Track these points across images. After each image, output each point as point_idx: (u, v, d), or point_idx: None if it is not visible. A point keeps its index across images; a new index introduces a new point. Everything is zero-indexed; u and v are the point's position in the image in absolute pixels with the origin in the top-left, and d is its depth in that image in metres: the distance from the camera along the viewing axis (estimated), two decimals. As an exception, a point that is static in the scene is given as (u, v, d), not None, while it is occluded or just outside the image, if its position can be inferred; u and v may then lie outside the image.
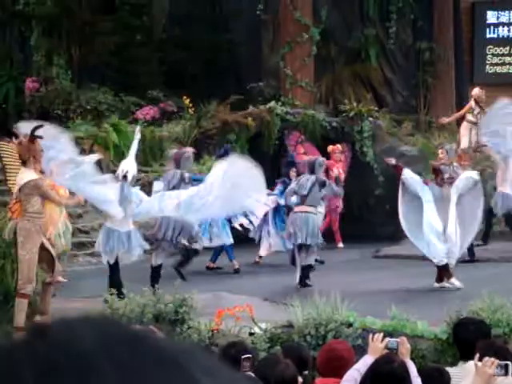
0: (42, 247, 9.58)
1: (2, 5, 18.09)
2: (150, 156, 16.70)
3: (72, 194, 10.66)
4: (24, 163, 9.57)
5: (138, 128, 12.29)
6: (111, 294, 9.29)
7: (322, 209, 13.89)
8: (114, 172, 15.66)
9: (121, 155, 16.11)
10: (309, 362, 5.82)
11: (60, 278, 10.17)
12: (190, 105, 17.44)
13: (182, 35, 19.63)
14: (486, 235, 14.46)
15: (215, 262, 13.46)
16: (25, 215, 9.43)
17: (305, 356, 5.84)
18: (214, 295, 10.65)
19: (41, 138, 9.60)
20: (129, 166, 11.11)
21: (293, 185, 12.55)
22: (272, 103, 17.52)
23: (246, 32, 18.60)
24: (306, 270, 11.85)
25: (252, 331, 8.35)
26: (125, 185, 10.77)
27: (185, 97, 17.47)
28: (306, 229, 11.85)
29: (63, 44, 18.48)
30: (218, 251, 13.43)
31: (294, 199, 12.33)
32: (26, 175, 9.50)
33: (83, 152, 16.01)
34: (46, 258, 9.68)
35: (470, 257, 13.28)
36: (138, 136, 11.64)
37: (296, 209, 12.17)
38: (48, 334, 0.84)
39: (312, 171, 12.28)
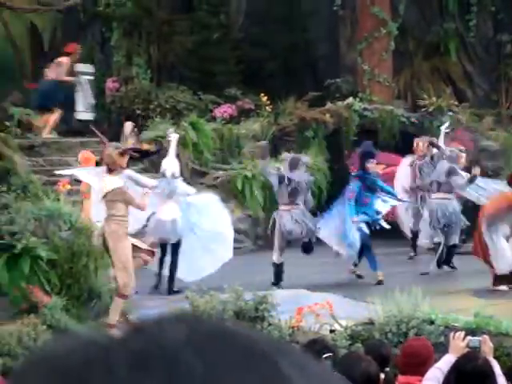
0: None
1: (84, 6, 18.39)
2: (228, 154, 16.80)
3: None
4: (110, 170, 9.79)
5: (170, 130, 13.11)
6: (192, 292, 9.40)
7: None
8: (192, 169, 15.93)
9: (200, 153, 16.28)
10: (390, 360, 5.79)
11: None
12: (268, 102, 17.49)
13: (259, 33, 19.68)
14: None
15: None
16: (111, 219, 9.65)
17: (386, 353, 5.81)
18: (294, 292, 10.66)
19: (136, 156, 10.17)
20: (169, 164, 11.94)
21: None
22: (350, 99, 17.46)
23: (324, 29, 18.53)
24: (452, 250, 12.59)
25: (332, 328, 8.35)
26: (166, 181, 11.67)
27: (262, 94, 17.52)
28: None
29: (142, 44, 18.70)
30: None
31: None
32: (112, 182, 9.73)
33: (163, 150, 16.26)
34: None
35: None
36: (174, 136, 12.46)
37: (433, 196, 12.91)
38: (141, 331, 0.86)
39: None
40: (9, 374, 7.38)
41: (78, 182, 11.76)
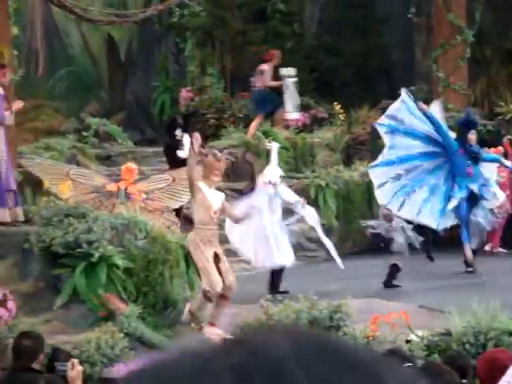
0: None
1: (159, 18, 18.61)
2: (301, 162, 16.79)
3: None
4: (204, 177, 9.89)
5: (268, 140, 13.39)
6: (266, 300, 9.39)
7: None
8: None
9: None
10: (469, 371, 5.70)
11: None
12: (341, 111, 17.44)
13: (332, 42, 19.67)
14: None
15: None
16: (194, 227, 9.80)
17: (465, 365, 5.72)
18: (368, 301, 10.57)
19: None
20: (272, 172, 12.13)
21: None
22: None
23: (398, 36, 18.42)
24: None
25: (408, 339, 8.25)
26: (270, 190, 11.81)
27: (335, 103, 17.48)
28: None
29: (216, 54, 18.84)
30: None
31: None
32: (218, 198, 9.83)
33: (236, 159, 16.34)
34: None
35: None
36: (274, 145, 12.69)
37: None
38: (244, 342, 0.86)
39: None
40: (88, 381, 7.47)
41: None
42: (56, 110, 11.10)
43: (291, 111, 17.38)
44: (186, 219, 14.53)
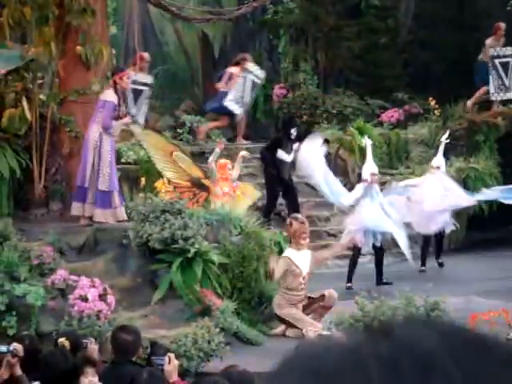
0: None
1: (252, 14, 18.68)
2: (396, 159, 16.63)
3: None
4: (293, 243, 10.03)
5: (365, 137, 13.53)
6: (361, 297, 9.32)
7: None
8: (359, 175, 15.86)
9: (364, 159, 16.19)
10: None
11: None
12: (436, 106, 17.19)
13: (427, 36, 19.40)
14: None
15: None
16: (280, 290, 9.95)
17: None
18: (466, 299, 10.41)
19: None
20: (369, 169, 12.42)
21: None
22: (500, 95, 16.84)
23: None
24: None
25: (509, 337, 8.08)
26: (369, 187, 12.06)
27: (430, 98, 17.25)
28: None
29: (309, 50, 18.79)
30: None
31: None
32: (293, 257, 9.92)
33: (329, 155, 16.28)
34: None
35: None
36: (369, 141, 12.93)
37: None
38: (392, 333, 0.85)
39: None
40: (185, 375, 7.54)
41: None
42: (151, 108, 11.24)
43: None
44: (278, 215, 14.59)
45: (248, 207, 11.88)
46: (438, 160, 13.61)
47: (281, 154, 14.44)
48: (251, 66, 16.80)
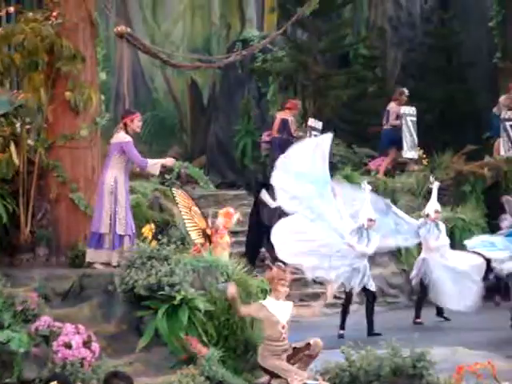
0: None
1: (242, 62, 18.83)
2: (383, 207, 16.67)
3: None
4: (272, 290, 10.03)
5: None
6: (348, 346, 9.30)
7: None
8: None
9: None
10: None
11: None
12: (424, 155, 17.33)
13: (415, 86, 19.60)
14: None
15: None
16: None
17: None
18: (452, 350, 10.39)
19: None
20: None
21: None
22: (510, 153, 17.05)
23: (483, 81, 18.23)
24: None
25: (495, 390, 8.06)
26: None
27: (418, 148, 17.39)
28: None
29: (298, 98, 18.93)
30: None
31: None
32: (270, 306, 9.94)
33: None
34: None
35: None
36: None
37: None
38: None
39: None
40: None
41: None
42: (140, 153, 11.31)
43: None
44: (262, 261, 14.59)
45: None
46: (435, 204, 13.68)
47: (264, 195, 14.33)
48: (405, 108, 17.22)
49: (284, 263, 10.44)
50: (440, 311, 13.46)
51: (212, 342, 9.81)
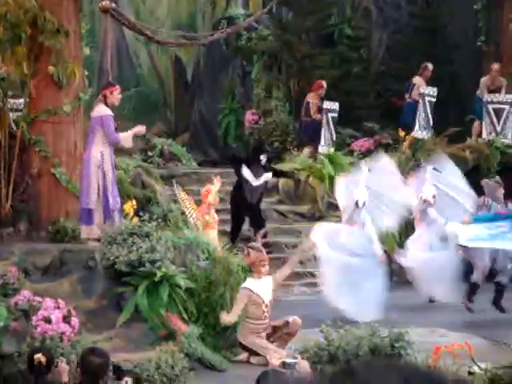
0: None
1: (227, 41, 18.78)
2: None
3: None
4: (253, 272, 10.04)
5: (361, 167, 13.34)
6: (327, 326, 9.33)
7: None
8: (328, 203, 15.92)
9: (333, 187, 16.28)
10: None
11: None
12: (406, 137, 17.34)
13: (400, 68, 19.61)
14: None
15: None
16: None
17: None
18: (431, 331, 10.45)
19: None
20: (359, 194, 12.48)
21: None
22: (492, 136, 17.11)
23: (468, 63, 18.25)
24: None
25: (471, 371, 8.11)
26: (357, 211, 12.36)
27: (400, 129, 17.41)
28: None
29: (282, 78, 18.92)
30: None
31: None
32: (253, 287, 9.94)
33: (299, 182, 16.36)
34: None
35: None
36: (365, 168, 12.95)
37: None
38: (353, 375, 0.87)
39: None
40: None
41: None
42: (123, 130, 11.25)
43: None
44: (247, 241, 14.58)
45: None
46: (432, 189, 13.41)
47: (245, 172, 14.30)
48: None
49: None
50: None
51: (192, 319, 9.84)
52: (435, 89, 17.09)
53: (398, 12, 21.10)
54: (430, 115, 17.11)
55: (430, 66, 17.40)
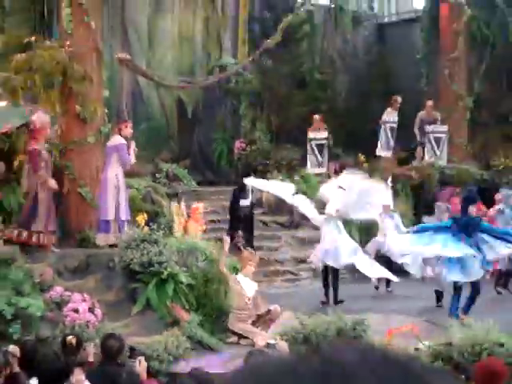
0: None
1: (219, 84, 18.81)
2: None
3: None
4: (242, 268, 10.00)
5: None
6: (302, 313, 9.35)
7: None
8: (302, 214, 15.90)
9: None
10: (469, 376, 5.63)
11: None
12: (364, 160, 17.43)
13: (358, 105, 19.72)
14: None
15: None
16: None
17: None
18: (386, 316, 10.48)
19: None
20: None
21: None
22: (432, 159, 17.23)
23: (413, 101, 18.35)
24: None
25: (417, 347, 8.15)
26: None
27: (360, 154, 17.49)
28: None
29: (264, 113, 18.96)
30: None
31: None
32: (241, 281, 9.91)
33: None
34: None
35: None
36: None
37: None
38: (318, 352, 0.88)
39: None
40: (157, 375, 7.48)
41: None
42: (137, 157, 11.32)
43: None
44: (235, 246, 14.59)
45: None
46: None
47: (242, 201, 14.73)
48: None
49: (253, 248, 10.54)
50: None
51: (192, 309, 9.83)
52: (396, 117, 17.15)
53: (357, 60, 21.24)
54: (390, 138, 17.19)
55: (399, 99, 17.31)
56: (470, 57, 18.80)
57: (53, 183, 10.35)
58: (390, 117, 17.15)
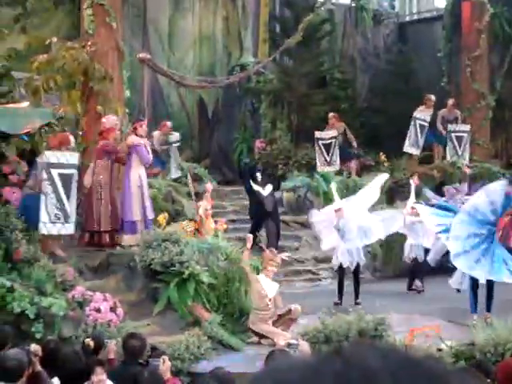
0: None
1: (240, 84, 18.81)
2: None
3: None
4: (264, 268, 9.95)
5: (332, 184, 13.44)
6: (323, 313, 9.32)
7: None
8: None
9: (329, 200, 16.24)
10: (492, 375, 5.58)
11: None
12: (385, 159, 17.34)
13: (379, 104, 19.63)
14: None
15: None
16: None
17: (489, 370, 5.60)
18: (407, 316, 10.42)
19: None
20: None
21: None
22: (454, 158, 17.11)
23: (435, 100, 18.21)
24: None
25: (440, 348, 8.09)
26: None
27: (381, 153, 17.40)
28: None
29: (285, 112, 18.92)
30: None
31: None
32: (262, 281, 9.87)
33: (299, 197, 16.37)
34: None
35: None
36: (333, 184, 13.08)
37: None
38: (340, 354, 0.86)
39: None
40: (179, 374, 7.48)
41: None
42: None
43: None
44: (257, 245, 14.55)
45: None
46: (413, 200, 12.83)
47: (253, 185, 14.29)
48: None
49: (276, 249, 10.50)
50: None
51: (213, 309, 9.83)
52: (428, 117, 16.99)
53: (377, 59, 21.16)
54: (419, 136, 17.04)
55: (433, 97, 17.11)
56: (491, 55, 18.65)
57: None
58: (422, 114, 17.00)
